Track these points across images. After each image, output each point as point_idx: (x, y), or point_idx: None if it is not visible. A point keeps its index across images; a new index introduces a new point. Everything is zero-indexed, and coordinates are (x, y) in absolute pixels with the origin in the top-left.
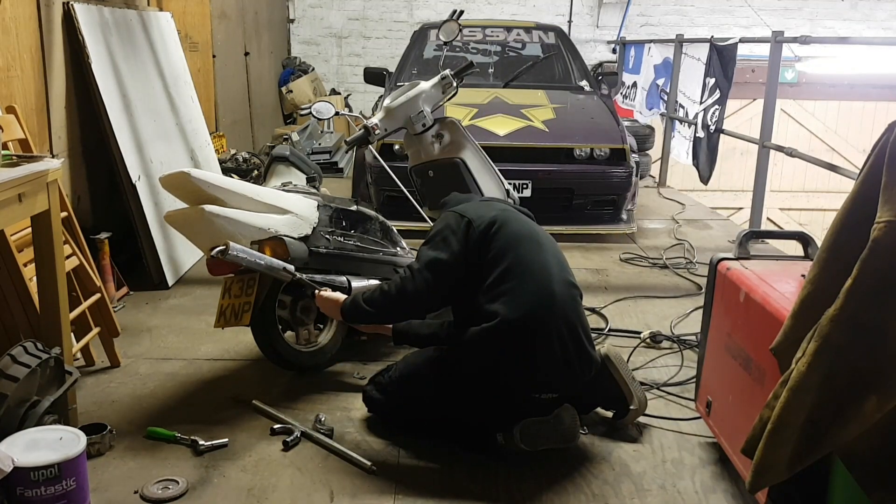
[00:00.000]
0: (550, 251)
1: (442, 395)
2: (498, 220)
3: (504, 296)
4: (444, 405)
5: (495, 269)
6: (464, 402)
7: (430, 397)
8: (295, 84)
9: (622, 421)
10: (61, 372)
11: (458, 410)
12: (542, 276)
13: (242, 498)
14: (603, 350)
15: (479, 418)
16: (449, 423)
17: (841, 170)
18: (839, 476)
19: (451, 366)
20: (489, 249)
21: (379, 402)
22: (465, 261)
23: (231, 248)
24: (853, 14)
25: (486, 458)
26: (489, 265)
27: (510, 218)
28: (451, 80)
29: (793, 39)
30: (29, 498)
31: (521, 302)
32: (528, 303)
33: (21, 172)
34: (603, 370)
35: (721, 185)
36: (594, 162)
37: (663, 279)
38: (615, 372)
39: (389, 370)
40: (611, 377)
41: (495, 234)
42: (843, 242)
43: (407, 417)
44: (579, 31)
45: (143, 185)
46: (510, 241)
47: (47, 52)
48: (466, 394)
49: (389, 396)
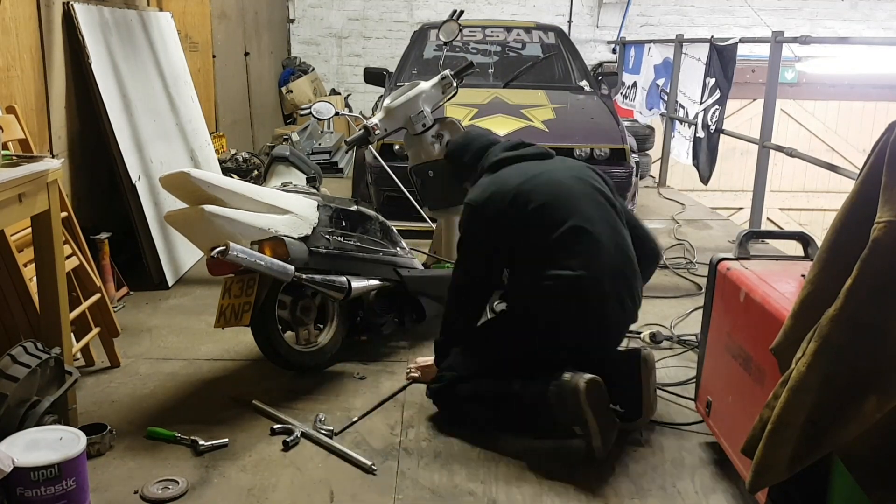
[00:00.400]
0: (582, 197)
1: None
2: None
3: (573, 256)
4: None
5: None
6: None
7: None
8: (295, 84)
9: (628, 424)
10: (61, 372)
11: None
12: (585, 237)
13: (242, 498)
14: (644, 353)
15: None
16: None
17: (841, 170)
18: (839, 476)
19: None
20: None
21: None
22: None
23: (231, 249)
24: (853, 14)
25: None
26: (544, 232)
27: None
28: (451, 80)
29: (793, 39)
30: (29, 498)
31: (579, 266)
32: (583, 267)
33: (21, 172)
34: (635, 370)
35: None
36: (594, 162)
37: (663, 279)
38: (646, 377)
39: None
40: (639, 379)
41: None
42: (843, 242)
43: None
44: (579, 31)
45: (143, 185)
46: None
47: (47, 52)
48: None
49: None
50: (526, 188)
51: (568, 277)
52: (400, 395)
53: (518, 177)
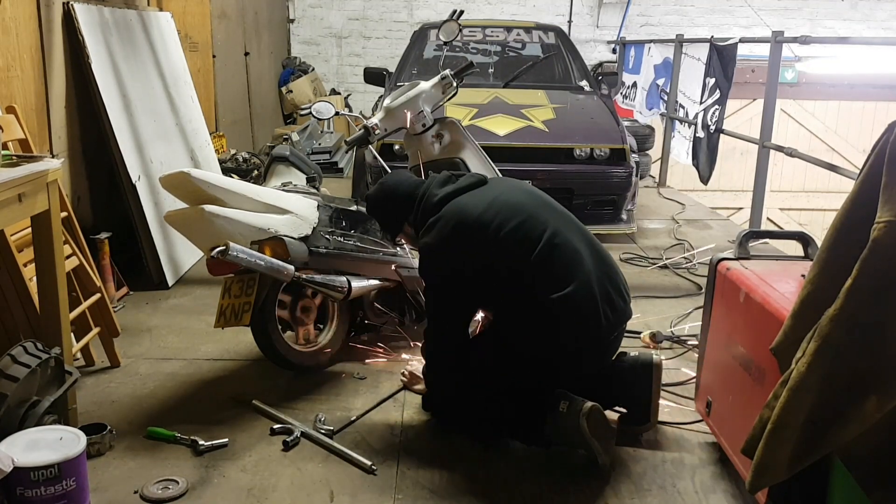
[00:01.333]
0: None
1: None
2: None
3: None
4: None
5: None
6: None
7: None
8: (295, 84)
9: (633, 428)
10: (61, 372)
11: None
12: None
13: (242, 498)
14: (655, 359)
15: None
16: (504, 408)
17: (841, 170)
18: (839, 476)
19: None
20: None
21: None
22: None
23: (231, 249)
24: (853, 14)
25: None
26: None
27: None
28: (451, 80)
29: (793, 39)
30: (29, 498)
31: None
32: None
33: (21, 172)
34: (645, 376)
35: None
36: (594, 162)
37: (663, 279)
38: (655, 383)
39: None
40: (648, 385)
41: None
42: (843, 242)
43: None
44: (579, 31)
45: (143, 185)
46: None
47: (47, 52)
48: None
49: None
50: (489, 216)
51: (560, 298)
52: (399, 394)
53: (474, 207)
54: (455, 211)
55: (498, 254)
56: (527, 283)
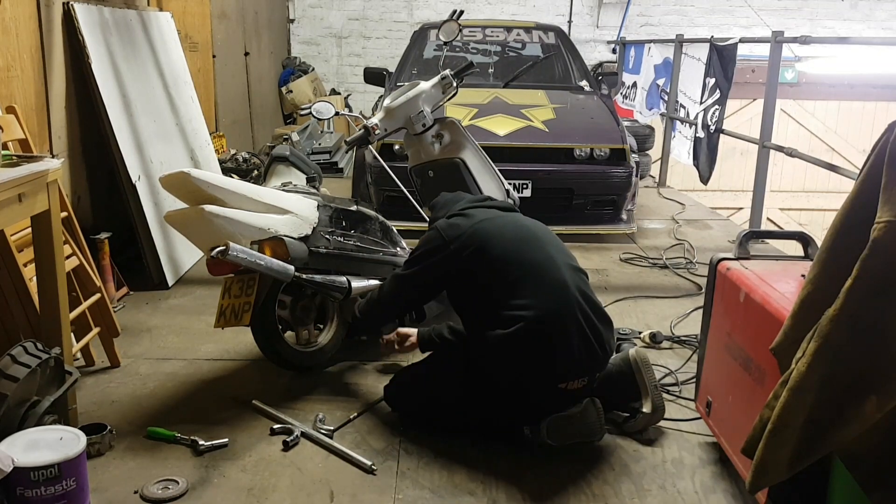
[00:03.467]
0: (549, 242)
1: (469, 394)
2: (482, 235)
3: (522, 299)
4: (471, 404)
5: (505, 277)
6: (491, 401)
7: (456, 396)
8: (295, 84)
9: (634, 425)
10: (61, 372)
11: (485, 409)
12: (553, 272)
13: (242, 498)
14: (632, 352)
15: (508, 415)
16: (474, 421)
17: (841, 170)
18: (839, 476)
19: (477, 368)
20: (486, 263)
21: (402, 400)
22: (444, 279)
23: (231, 249)
24: (853, 14)
25: (510, 447)
26: (495, 275)
27: (497, 225)
28: (451, 81)
29: (793, 39)
30: (29, 498)
31: (540, 303)
32: (547, 302)
33: (21, 172)
34: (626, 371)
35: (721, 185)
36: (594, 162)
37: (663, 279)
38: (638, 374)
39: (413, 369)
40: (633, 379)
41: (484, 250)
42: (843, 242)
43: (430, 416)
44: (579, 31)
45: (143, 185)
46: (509, 248)
47: (47, 52)
48: (494, 393)
49: (413, 395)
50: (485, 225)
51: (525, 317)
52: None
53: (481, 214)
54: (465, 214)
55: (480, 258)
56: (500, 297)
